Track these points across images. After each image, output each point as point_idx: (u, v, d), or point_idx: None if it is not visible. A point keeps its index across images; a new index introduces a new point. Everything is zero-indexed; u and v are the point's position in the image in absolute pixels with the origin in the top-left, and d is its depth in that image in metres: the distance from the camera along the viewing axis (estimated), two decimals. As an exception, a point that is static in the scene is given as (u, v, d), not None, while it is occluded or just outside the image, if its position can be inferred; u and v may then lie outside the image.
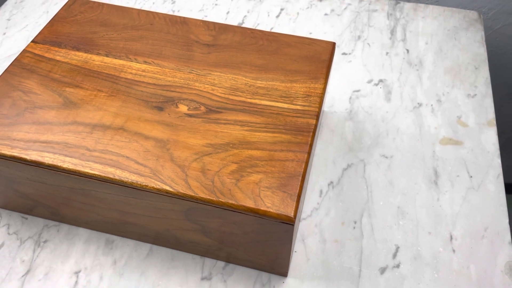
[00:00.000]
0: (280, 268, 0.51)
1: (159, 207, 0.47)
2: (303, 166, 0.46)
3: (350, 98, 0.71)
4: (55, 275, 0.52)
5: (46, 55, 0.56)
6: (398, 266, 0.53)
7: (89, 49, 0.57)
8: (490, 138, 0.66)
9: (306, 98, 0.52)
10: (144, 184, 0.44)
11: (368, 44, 0.79)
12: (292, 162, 0.46)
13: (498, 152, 0.64)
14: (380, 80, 0.73)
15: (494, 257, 0.54)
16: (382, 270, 0.53)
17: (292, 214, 0.42)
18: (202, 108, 0.51)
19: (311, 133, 0.49)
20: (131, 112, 0.50)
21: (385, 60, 0.77)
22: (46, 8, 0.85)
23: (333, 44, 0.58)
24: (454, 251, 0.55)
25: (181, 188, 0.44)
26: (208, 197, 0.43)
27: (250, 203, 0.43)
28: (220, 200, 0.43)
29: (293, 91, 0.53)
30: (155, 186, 0.44)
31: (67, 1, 0.63)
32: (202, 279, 0.52)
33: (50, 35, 0.58)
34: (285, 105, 0.51)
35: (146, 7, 0.86)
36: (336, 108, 0.69)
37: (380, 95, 0.71)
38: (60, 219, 0.56)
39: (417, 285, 0.52)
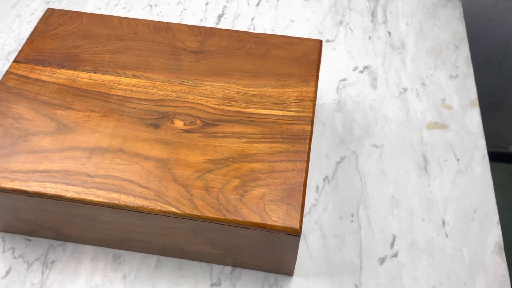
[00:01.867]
0: (286, 268, 0.53)
1: (166, 226, 0.48)
2: (304, 176, 0.47)
3: (337, 88, 0.72)
4: (67, 295, 0.53)
5: (31, 75, 0.55)
6: (396, 255, 0.56)
7: (75, 65, 0.56)
8: (474, 119, 0.68)
9: (299, 103, 0.53)
10: (150, 207, 0.45)
11: (351, 29, 0.80)
12: (293, 172, 0.47)
13: (482, 133, 0.67)
14: (365, 67, 0.74)
15: (484, 238, 0.57)
16: (382, 261, 0.56)
17: (297, 226, 0.44)
18: (198, 122, 0.51)
19: (307, 140, 0.50)
20: (127, 132, 0.50)
21: (368, 45, 0.77)
22: (17, 11, 0.82)
23: (320, 42, 0.59)
24: (447, 235, 0.58)
25: (188, 209, 0.45)
26: (215, 216, 0.45)
27: (256, 219, 0.44)
28: (227, 218, 0.44)
29: (286, 97, 0.53)
30: (161, 209, 0.45)
31: (44, 13, 0.61)
32: (212, 285, 0.54)
33: (32, 52, 0.57)
34: (280, 112, 0.52)
35: (123, 2, 0.83)
36: (325, 100, 0.70)
37: (366, 83, 0.72)
38: (64, 238, 0.57)
39: (415, 272, 0.55)
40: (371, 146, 0.65)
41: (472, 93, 0.71)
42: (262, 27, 0.80)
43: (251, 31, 0.79)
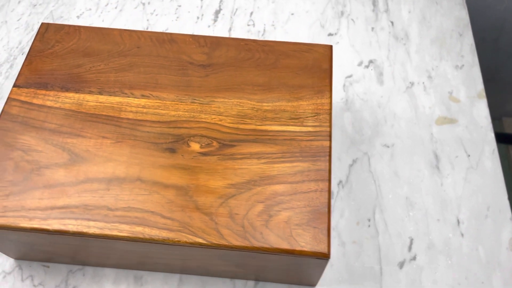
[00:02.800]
0: (309, 281, 0.54)
1: (190, 253, 0.48)
2: (327, 196, 0.47)
3: (344, 85, 0.70)
4: (92, 320, 0.53)
5: (35, 101, 0.52)
6: (414, 258, 0.57)
7: (79, 87, 0.53)
8: (482, 112, 0.68)
9: (315, 117, 0.52)
10: (176, 239, 0.45)
11: (352, 20, 0.78)
12: (316, 192, 0.47)
13: (490, 125, 0.67)
14: (370, 61, 0.73)
15: (499, 235, 0.58)
16: (401, 265, 0.57)
17: (326, 251, 0.44)
18: (215, 143, 0.50)
19: (327, 157, 0.49)
20: (143, 159, 0.49)
21: (372, 37, 0.76)
22: (3, 17, 0.78)
23: (330, 48, 0.57)
24: (462, 235, 0.59)
25: (214, 239, 0.45)
26: (242, 244, 0.44)
27: (284, 245, 0.44)
28: (254, 245, 0.44)
29: (301, 111, 0.52)
30: (187, 241, 0.45)
31: (39, 29, 0.58)
32: (236, 301, 0.55)
33: (32, 75, 0.54)
34: (297, 128, 0.51)
35: (114, 1, 0.80)
36: (333, 98, 0.69)
37: (373, 78, 0.71)
38: (83, 263, 0.56)
39: (434, 274, 0.56)
40: (382, 146, 0.65)
41: (478, 83, 0.71)
42: (262, 22, 0.78)
43: (251, 27, 0.77)
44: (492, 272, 0.56)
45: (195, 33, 0.76)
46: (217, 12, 0.79)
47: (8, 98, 0.53)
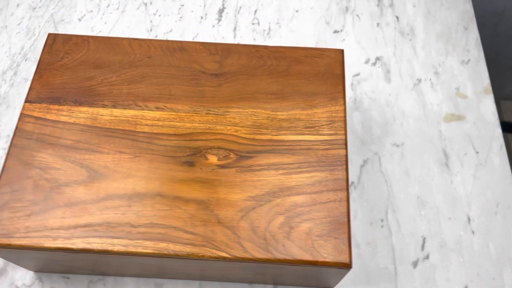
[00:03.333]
0: (328, 284, 0.55)
1: (212, 264, 0.48)
2: (346, 206, 0.47)
3: (352, 84, 0.71)
4: (116, 330, 0.55)
5: (49, 116, 0.52)
6: (427, 257, 0.59)
7: (93, 101, 0.53)
8: (489, 107, 0.69)
9: (330, 125, 0.52)
10: (200, 254, 0.45)
11: (358, 15, 0.77)
12: (335, 203, 0.48)
13: (497, 121, 0.68)
14: (377, 58, 0.73)
15: (508, 231, 0.60)
16: (415, 264, 0.58)
17: (348, 261, 0.45)
18: (232, 155, 0.50)
19: (345, 166, 0.50)
20: (162, 174, 0.49)
21: (377, 33, 0.75)
22: (2, 21, 0.76)
23: (342, 52, 0.57)
24: (473, 232, 0.60)
25: (238, 253, 0.45)
26: (265, 257, 0.45)
27: (307, 257, 0.45)
28: (277, 258, 0.45)
29: (315, 119, 0.53)
30: (211, 255, 0.45)
31: (46, 40, 0.57)
32: (256, 305, 0.56)
33: (43, 89, 0.54)
34: (312, 137, 0.51)
35: (115, 2, 0.78)
36: (341, 99, 0.69)
37: (380, 76, 0.71)
38: (103, 273, 0.57)
39: (447, 272, 0.58)
40: (392, 145, 0.66)
41: (484, 78, 0.72)
42: (266, 20, 0.77)
43: (256, 25, 0.76)
44: (503, 267, 0.58)
45: (200, 34, 0.75)
46: (220, 11, 0.78)
47: (21, 114, 0.52)
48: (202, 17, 0.77)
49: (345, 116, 0.53)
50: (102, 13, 0.77)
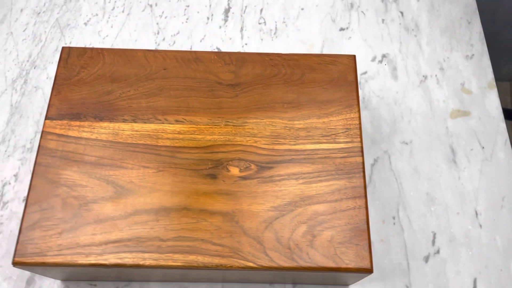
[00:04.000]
0: (345, 282, 0.58)
1: (239, 274, 0.51)
2: (365, 213, 0.50)
3: (360, 83, 0.72)
4: (145, 333, 0.57)
5: (70, 133, 0.53)
6: (438, 251, 0.61)
7: (113, 116, 0.54)
8: (493, 102, 0.71)
9: (346, 132, 0.54)
10: (228, 265, 0.47)
11: (363, 12, 0.78)
12: (354, 210, 0.50)
13: (501, 116, 0.70)
14: (383, 56, 0.74)
15: (514, 224, 0.63)
16: (426, 259, 0.61)
17: (369, 266, 0.47)
18: (253, 166, 0.52)
19: (362, 174, 0.52)
20: (186, 187, 0.51)
21: (383, 29, 0.76)
22: (7, 28, 0.76)
23: (354, 58, 0.58)
24: (481, 226, 0.63)
25: (264, 262, 0.48)
26: (291, 266, 0.47)
27: (330, 264, 0.47)
28: (302, 266, 0.47)
29: (332, 127, 0.54)
30: (239, 266, 0.47)
31: (61, 55, 0.57)
32: (277, 304, 0.59)
33: (63, 105, 0.55)
34: (330, 146, 0.53)
35: (120, 4, 0.78)
36: (349, 98, 0.71)
37: (387, 74, 0.73)
38: (129, 279, 0.59)
39: (457, 265, 0.61)
40: (401, 143, 0.68)
41: (488, 73, 0.73)
42: (273, 19, 0.77)
43: (262, 25, 0.77)
44: (510, 259, 0.61)
45: (208, 35, 0.76)
46: (226, 11, 0.78)
47: (43, 131, 0.53)
48: (208, 18, 0.77)
49: (360, 124, 0.54)
50: (108, 17, 0.77)
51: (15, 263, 0.47)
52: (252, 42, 0.75)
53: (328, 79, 0.57)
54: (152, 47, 0.74)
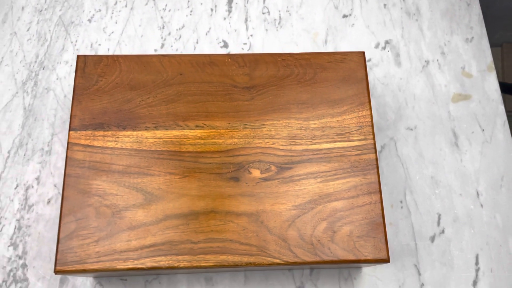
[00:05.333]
0: (360, 266, 0.62)
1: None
2: (380, 207, 0.53)
3: (365, 71, 0.74)
4: (177, 321, 0.62)
5: (96, 143, 0.55)
6: (443, 231, 0.66)
7: (135, 124, 0.56)
8: (492, 85, 0.74)
9: (359, 130, 0.57)
10: (257, 263, 0.51)
11: (364, -3, 0.79)
12: (370, 205, 0.54)
13: (500, 98, 0.73)
14: (386, 42, 0.76)
15: (512, 203, 0.68)
16: (432, 239, 0.66)
17: (386, 257, 0.52)
18: (273, 167, 0.55)
19: (376, 170, 0.55)
20: (212, 191, 0.54)
21: (385, 15, 0.78)
22: (10, 28, 0.76)
23: (363, 54, 0.60)
24: (482, 205, 0.67)
25: (289, 258, 0.51)
26: (314, 260, 0.52)
27: (350, 256, 0.52)
28: (325, 260, 0.52)
29: (345, 125, 0.57)
30: (267, 262, 0.51)
31: (77, 63, 0.58)
32: (297, 288, 0.63)
33: (85, 116, 0.56)
34: (344, 144, 0.56)
35: None
36: (355, 86, 0.73)
37: (391, 61, 0.75)
38: (157, 272, 0.63)
39: (461, 243, 0.65)
40: (406, 129, 0.71)
41: (487, 55, 0.76)
42: (276, 8, 0.78)
43: (266, 15, 0.77)
44: (508, 235, 0.66)
45: (213, 28, 0.76)
46: (230, 1, 0.78)
47: (69, 143, 0.55)
48: (212, 9, 0.78)
49: (372, 121, 0.57)
50: (111, 12, 0.77)
51: (57, 272, 0.51)
52: (257, 33, 0.76)
53: (340, 77, 0.59)
54: (159, 43, 0.75)
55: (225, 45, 0.75)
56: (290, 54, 0.60)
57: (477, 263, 0.64)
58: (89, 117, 0.56)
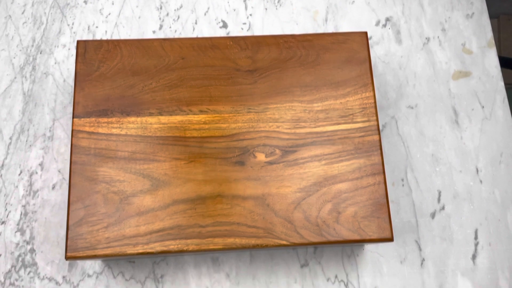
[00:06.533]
0: (363, 244, 0.64)
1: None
2: (384, 188, 0.54)
3: (365, 49, 0.74)
4: (185, 301, 0.63)
5: (100, 130, 0.55)
6: (443, 208, 0.67)
7: (139, 110, 0.56)
8: (492, 61, 0.74)
9: (363, 112, 0.57)
10: (264, 244, 0.52)
11: (364, -27, 0.78)
12: (374, 186, 0.54)
13: (500, 74, 0.73)
14: (387, 19, 0.75)
15: (511, 177, 0.69)
16: (433, 215, 0.67)
17: (390, 236, 0.53)
18: (277, 151, 0.55)
19: (379, 151, 0.56)
20: (218, 175, 0.54)
21: (385, -9, 0.77)
22: (5, 11, 0.74)
23: (366, 34, 0.60)
24: (481, 181, 0.69)
25: (296, 239, 0.53)
26: (320, 241, 0.53)
27: (355, 236, 0.53)
28: (330, 240, 0.53)
29: (349, 107, 0.57)
30: (274, 244, 0.53)
31: (77, 49, 0.58)
32: (302, 266, 0.65)
33: (88, 102, 0.56)
34: (348, 126, 0.56)
35: (118, -20, 0.76)
36: (356, 65, 0.73)
37: (391, 38, 0.74)
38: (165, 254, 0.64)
39: (460, 219, 0.67)
40: (407, 108, 0.71)
41: (487, 31, 0.75)
42: (275, -14, 0.77)
43: (265, -7, 0.76)
44: (507, 210, 0.67)
45: (211, 8, 0.75)
46: (228, -20, 0.77)
47: (73, 130, 0.55)
48: (210, -12, 0.76)
49: (375, 102, 0.58)
50: (107, -8, 0.75)
51: (68, 258, 0.51)
52: (257, 12, 0.75)
53: (343, 58, 0.59)
54: (157, 24, 0.74)
55: (224, 25, 0.75)
56: (292, 36, 0.59)
57: (476, 237, 0.66)
58: (92, 103, 0.56)
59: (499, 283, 0.64)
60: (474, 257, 0.65)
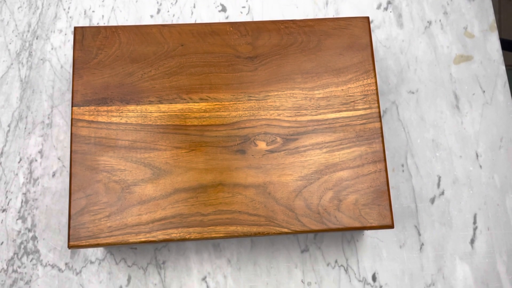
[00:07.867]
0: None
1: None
2: (385, 175, 0.54)
3: (366, 33, 0.73)
4: (188, 286, 0.64)
5: (100, 119, 0.55)
6: (443, 193, 0.68)
7: (138, 98, 0.55)
8: (494, 45, 0.73)
9: (364, 99, 0.57)
10: (265, 232, 0.53)
11: (366, -45, 0.76)
12: (375, 173, 0.55)
13: (501, 58, 0.73)
14: (389, 2, 0.74)
15: (511, 163, 0.69)
16: (432, 200, 0.68)
17: (390, 223, 0.53)
18: (278, 139, 0.55)
19: (380, 139, 0.55)
20: (219, 164, 0.54)
21: (387, -27, 0.75)
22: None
23: (367, 19, 0.59)
24: (481, 167, 0.69)
25: (297, 227, 0.53)
26: (321, 228, 0.53)
27: (356, 224, 0.53)
28: (331, 228, 0.53)
29: (350, 94, 0.57)
30: (275, 232, 0.53)
31: (75, 36, 0.57)
32: (302, 251, 0.66)
33: (87, 91, 0.55)
34: (349, 113, 0.56)
35: (114, -38, 0.74)
36: (357, 50, 0.72)
37: (393, 22, 0.74)
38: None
39: (459, 204, 0.67)
40: (407, 93, 0.71)
41: (490, 14, 0.75)
42: (275, -32, 0.75)
43: (265, -25, 0.75)
44: (506, 194, 0.68)
45: (210, -9, 0.74)
46: (226, -38, 0.75)
47: (73, 119, 0.55)
48: (208, -29, 0.75)
49: (376, 89, 0.57)
50: (103, -25, 0.74)
51: (70, 247, 0.52)
52: (256, -5, 0.74)
53: (344, 44, 0.58)
54: (155, 8, 0.73)
55: (223, 9, 0.73)
56: (293, 21, 0.59)
57: (475, 222, 0.67)
58: (91, 92, 0.55)
59: (497, 267, 0.65)
60: (472, 241, 0.66)
